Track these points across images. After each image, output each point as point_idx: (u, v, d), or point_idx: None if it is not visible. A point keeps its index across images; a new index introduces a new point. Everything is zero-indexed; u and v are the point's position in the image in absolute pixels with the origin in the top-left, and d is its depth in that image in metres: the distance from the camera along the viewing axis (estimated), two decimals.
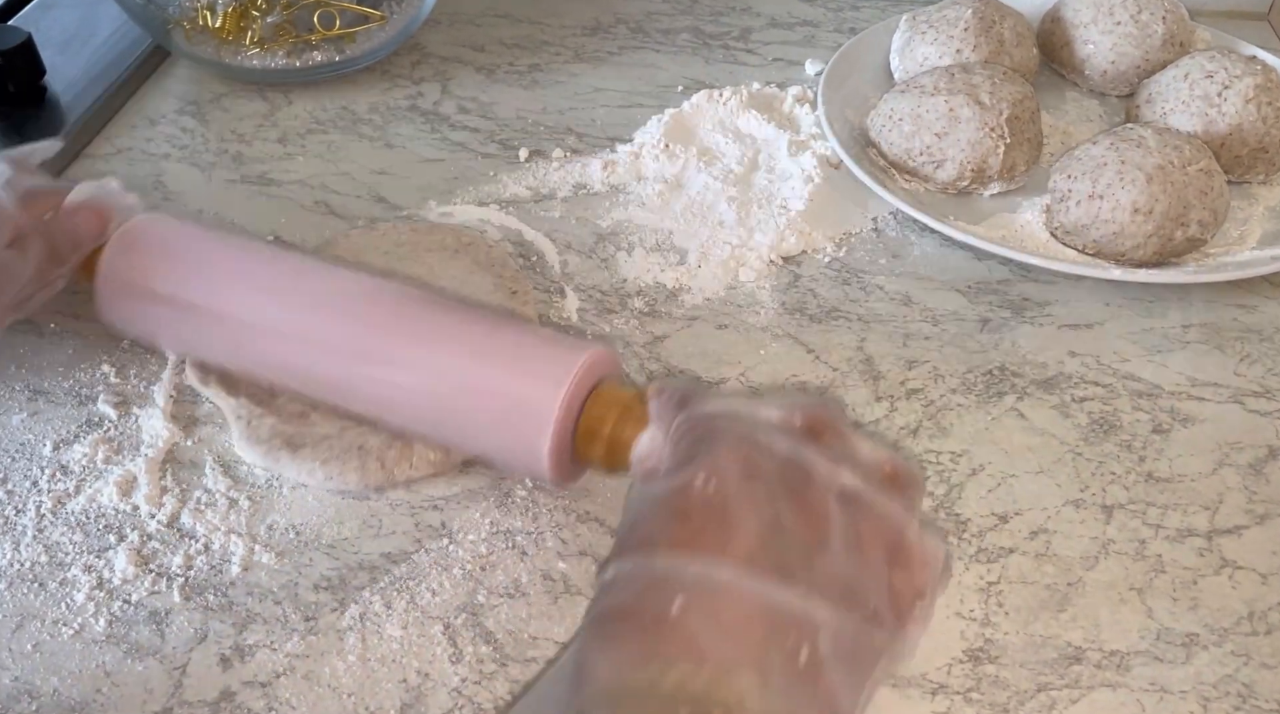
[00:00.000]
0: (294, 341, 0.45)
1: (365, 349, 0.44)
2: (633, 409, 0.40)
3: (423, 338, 0.44)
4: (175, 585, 0.43)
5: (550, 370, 0.41)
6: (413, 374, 0.43)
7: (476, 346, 0.43)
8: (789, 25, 0.83)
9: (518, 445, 0.41)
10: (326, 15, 0.73)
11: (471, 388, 0.42)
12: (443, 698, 0.40)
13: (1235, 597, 0.44)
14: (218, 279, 0.47)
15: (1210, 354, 0.55)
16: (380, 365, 0.44)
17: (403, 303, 0.45)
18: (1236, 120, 0.62)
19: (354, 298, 0.46)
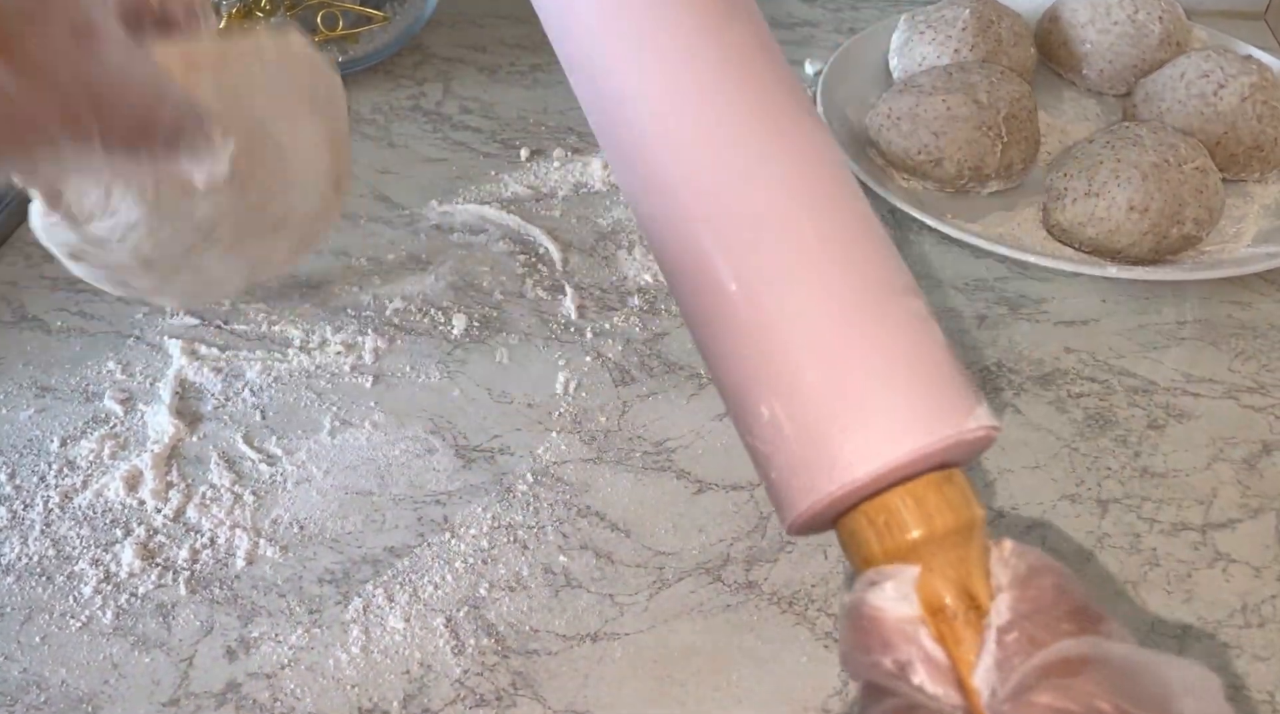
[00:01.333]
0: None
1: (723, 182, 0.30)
2: (972, 538, 0.27)
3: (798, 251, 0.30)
4: (181, 579, 0.44)
5: (919, 403, 0.28)
6: (737, 284, 0.30)
7: (850, 286, 0.29)
8: (788, 25, 0.83)
9: (801, 454, 0.29)
10: (330, 16, 0.73)
11: (805, 333, 0.29)
12: (445, 689, 0.41)
13: (1228, 590, 0.45)
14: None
15: (1205, 350, 0.56)
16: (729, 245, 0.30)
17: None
18: (1232, 119, 0.63)
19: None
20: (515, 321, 0.56)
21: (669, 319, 0.57)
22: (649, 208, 0.32)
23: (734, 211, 0.30)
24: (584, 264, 0.60)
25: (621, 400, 0.52)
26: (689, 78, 0.32)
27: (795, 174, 0.31)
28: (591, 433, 0.51)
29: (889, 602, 0.26)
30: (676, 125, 0.31)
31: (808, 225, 0.30)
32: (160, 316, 0.56)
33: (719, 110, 0.31)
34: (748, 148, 0.31)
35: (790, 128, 0.31)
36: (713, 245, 0.30)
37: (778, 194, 0.30)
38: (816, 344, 0.29)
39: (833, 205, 0.31)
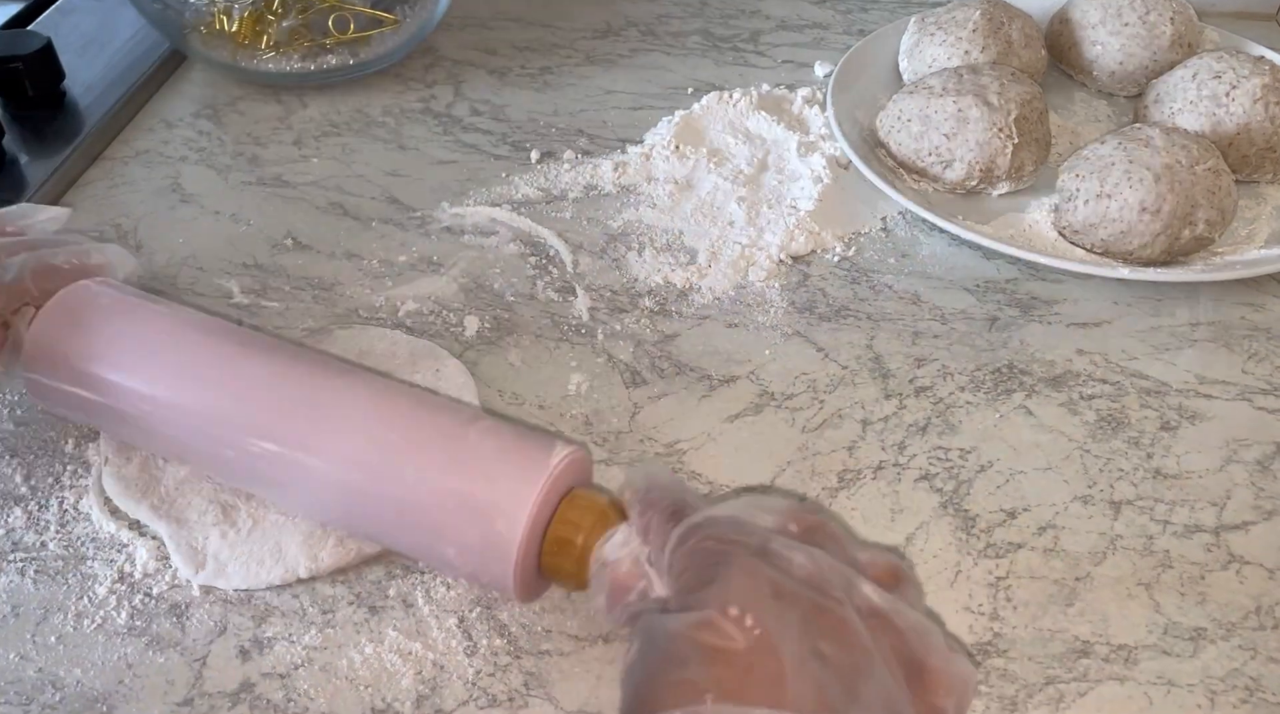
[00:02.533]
0: (229, 432, 0.41)
1: (310, 444, 0.40)
2: (608, 517, 0.36)
3: (378, 433, 0.39)
4: (194, 579, 0.44)
5: (520, 472, 0.37)
6: (364, 474, 0.39)
7: (439, 445, 0.38)
8: (798, 27, 0.83)
9: (481, 554, 0.37)
10: (341, 19, 0.74)
11: (432, 492, 0.38)
12: (458, 689, 0.41)
13: (1242, 591, 0.45)
14: (142, 361, 0.43)
15: (1218, 352, 0.56)
16: (327, 462, 0.39)
17: (354, 390, 0.41)
18: (1244, 120, 0.63)
19: (299, 384, 0.41)
20: (527, 323, 0.57)
21: (680, 321, 0.57)
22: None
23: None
24: (595, 266, 0.60)
25: (633, 402, 0.52)
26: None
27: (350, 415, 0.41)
28: (603, 434, 0.51)
29: (620, 549, 0.35)
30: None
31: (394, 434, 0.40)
32: None
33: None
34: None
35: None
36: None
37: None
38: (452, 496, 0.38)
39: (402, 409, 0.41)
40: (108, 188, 0.66)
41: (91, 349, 0.43)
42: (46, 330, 0.44)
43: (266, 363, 0.42)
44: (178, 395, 0.42)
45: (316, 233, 0.62)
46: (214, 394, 0.42)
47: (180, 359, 0.43)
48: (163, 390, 0.42)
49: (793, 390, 0.53)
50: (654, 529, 0.34)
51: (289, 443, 0.40)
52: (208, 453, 0.42)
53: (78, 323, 0.44)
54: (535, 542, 0.37)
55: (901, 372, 0.54)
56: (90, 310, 0.44)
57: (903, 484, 0.49)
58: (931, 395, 0.53)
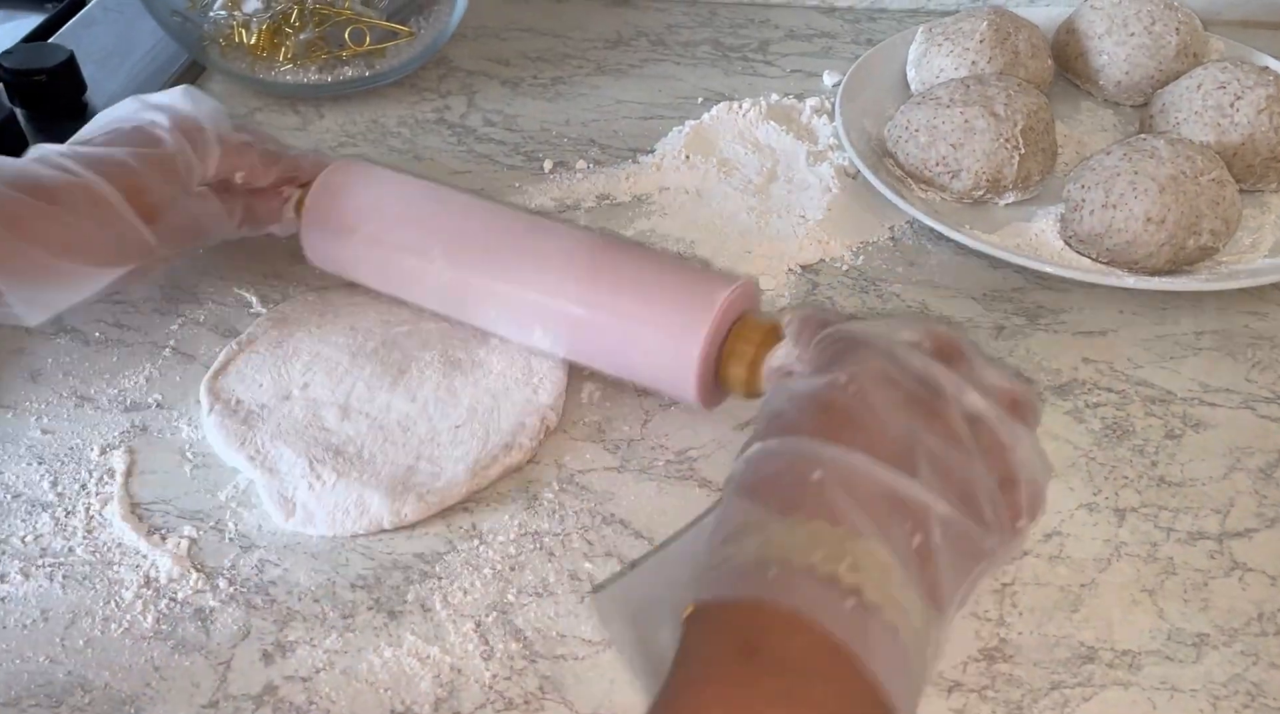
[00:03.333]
0: (478, 279, 0.52)
1: (537, 285, 0.50)
2: (772, 336, 0.44)
3: (588, 274, 0.49)
4: (219, 584, 0.45)
5: (698, 301, 0.46)
6: (580, 307, 0.49)
7: (635, 281, 0.49)
8: (807, 37, 0.84)
9: (670, 370, 0.47)
10: (357, 31, 0.75)
11: (631, 318, 0.48)
12: (475, 693, 0.42)
13: (1245, 598, 0.45)
14: (411, 222, 0.54)
15: (1222, 361, 0.56)
16: (551, 298, 0.50)
17: (570, 241, 0.51)
18: (1249, 130, 0.63)
19: (527, 237, 0.52)
20: None
21: None
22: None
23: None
24: None
25: (644, 410, 0.53)
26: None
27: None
28: (615, 442, 0.52)
29: (783, 360, 0.43)
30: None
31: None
32: (195, 328, 0.57)
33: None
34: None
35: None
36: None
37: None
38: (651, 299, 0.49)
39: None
40: None
41: (361, 213, 0.55)
42: (321, 199, 0.55)
43: (494, 221, 0.54)
44: (434, 248, 0.53)
45: None
46: (460, 248, 0.53)
47: (432, 220, 0.54)
48: (422, 245, 0.53)
49: None
50: (805, 337, 0.41)
51: (521, 283, 0.51)
52: (457, 296, 0.53)
53: (348, 191, 0.55)
54: (713, 355, 0.46)
55: None
56: (353, 182, 0.56)
57: None
58: None
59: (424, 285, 0.54)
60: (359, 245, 0.55)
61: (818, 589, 0.30)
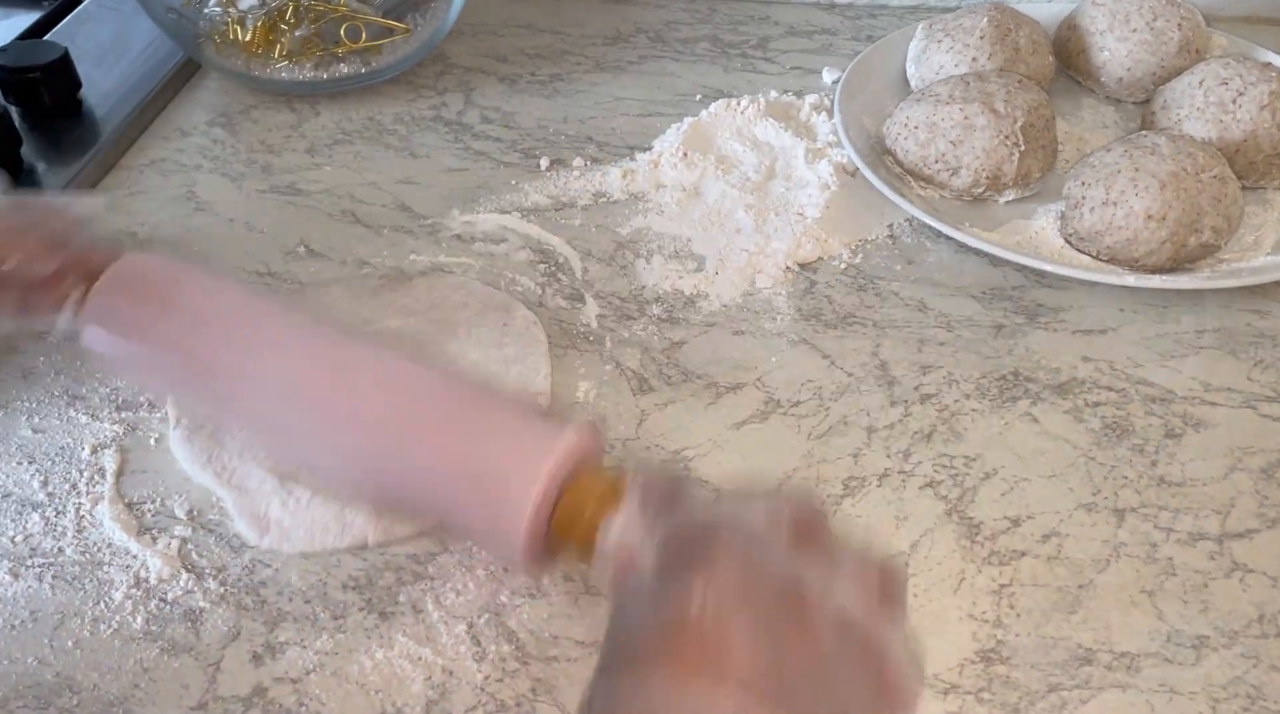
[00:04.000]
0: (278, 401, 0.43)
1: (352, 419, 0.42)
2: (610, 499, 0.38)
3: (406, 409, 0.41)
4: (209, 585, 0.45)
5: (530, 454, 0.39)
6: (395, 446, 0.41)
7: (459, 423, 0.41)
8: (807, 34, 0.84)
9: (493, 528, 0.39)
10: (353, 28, 0.74)
11: (451, 466, 0.40)
12: (467, 695, 0.41)
13: (1245, 600, 0.45)
14: (206, 332, 0.44)
15: (1223, 359, 0.56)
16: (365, 436, 0.41)
17: (388, 369, 0.43)
18: (1251, 127, 0.63)
19: (343, 361, 0.43)
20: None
21: (687, 328, 0.57)
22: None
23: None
24: (603, 273, 0.61)
25: (640, 408, 0.53)
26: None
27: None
28: (610, 441, 0.51)
29: (621, 532, 0.36)
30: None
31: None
32: None
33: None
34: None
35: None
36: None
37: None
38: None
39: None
40: (124, 196, 0.67)
41: (156, 319, 0.44)
42: (108, 299, 0.45)
43: (311, 340, 0.44)
44: (234, 363, 0.44)
45: (329, 240, 0.63)
46: (264, 365, 0.43)
47: (236, 330, 0.45)
48: (222, 358, 0.44)
49: (799, 397, 0.54)
50: (649, 514, 0.36)
51: (327, 413, 0.42)
52: (254, 418, 0.44)
53: (138, 294, 0.45)
54: (544, 516, 0.38)
55: (907, 379, 0.55)
56: (147, 282, 0.46)
57: (907, 491, 0.49)
58: (937, 402, 0.53)
59: (219, 406, 0.46)
60: (150, 356, 0.45)
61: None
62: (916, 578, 0.45)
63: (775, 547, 0.33)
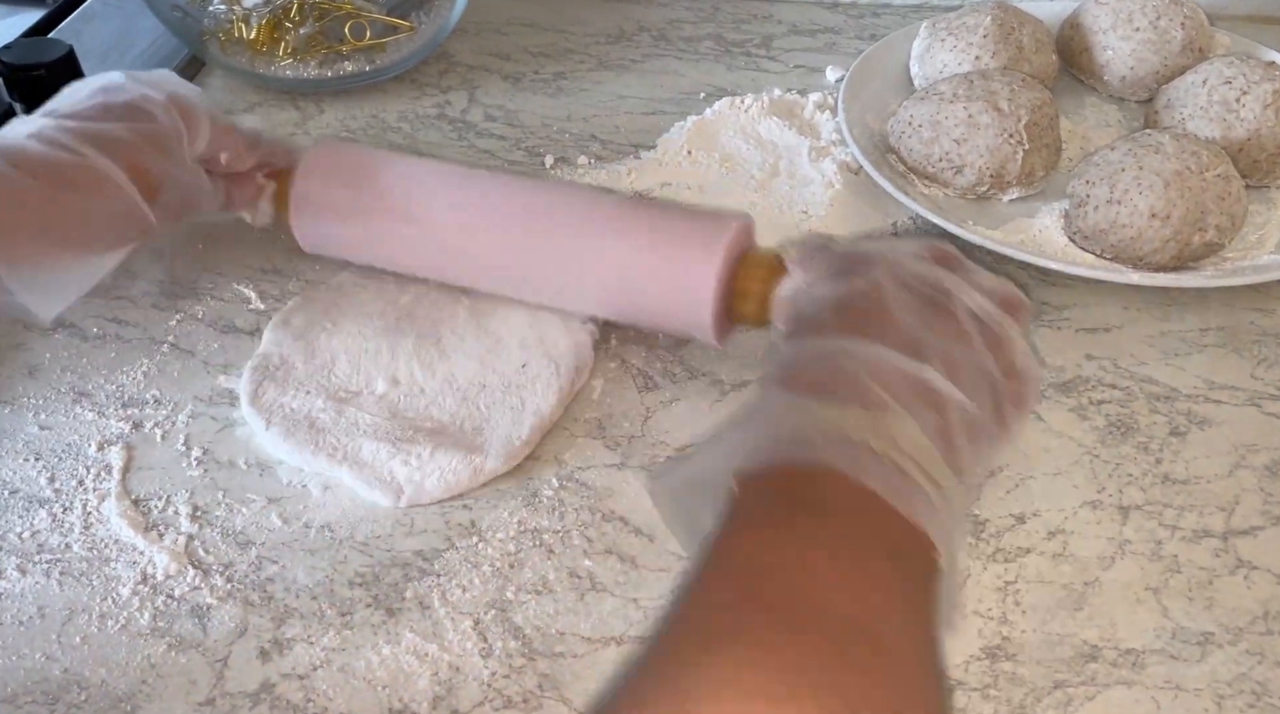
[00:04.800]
0: (482, 242, 0.53)
1: (545, 244, 0.52)
2: (777, 268, 0.47)
3: (595, 228, 0.51)
4: (216, 581, 0.45)
5: (704, 243, 0.48)
6: (592, 261, 0.51)
7: (641, 230, 0.50)
8: (810, 32, 0.84)
9: (684, 312, 0.49)
10: (357, 26, 0.74)
11: (642, 267, 0.50)
12: (473, 691, 0.41)
13: (1250, 597, 0.45)
14: (402, 193, 0.54)
15: (1227, 357, 0.56)
16: (561, 257, 0.51)
17: (569, 196, 0.54)
18: (1255, 126, 0.63)
19: (527, 199, 0.53)
20: None
21: None
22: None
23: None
24: None
25: (645, 406, 0.53)
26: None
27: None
28: (616, 439, 0.51)
29: (791, 290, 0.46)
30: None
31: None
32: (194, 324, 0.57)
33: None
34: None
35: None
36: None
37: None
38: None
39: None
40: None
41: (356, 191, 0.54)
42: (310, 184, 0.55)
43: (490, 184, 0.54)
44: (435, 216, 0.54)
45: None
46: (462, 213, 0.53)
47: (429, 190, 0.54)
48: (423, 214, 0.54)
49: None
50: (806, 261, 0.45)
51: (528, 242, 0.52)
52: (462, 263, 0.54)
53: (337, 171, 0.55)
54: (725, 293, 0.48)
55: None
56: (343, 161, 0.56)
57: None
58: None
59: (429, 255, 0.55)
60: (358, 224, 0.55)
61: (855, 451, 0.32)
62: None
63: (916, 262, 0.39)
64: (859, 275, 0.39)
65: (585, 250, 0.51)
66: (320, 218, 0.55)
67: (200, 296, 0.59)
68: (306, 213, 0.55)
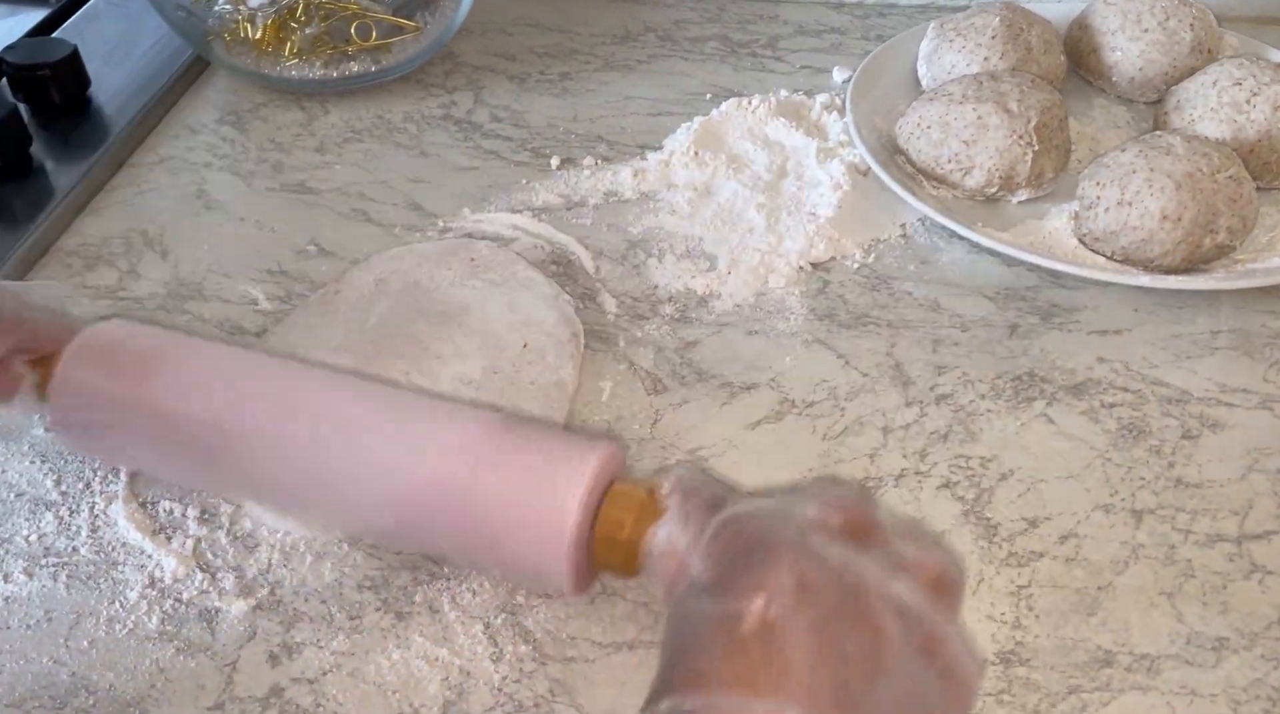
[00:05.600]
0: (275, 454, 0.40)
1: (356, 466, 0.39)
2: (649, 509, 0.37)
3: (421, 447, 0.39)
4: (224, 584, 0.45)
5: (563, 478, 0.37)
6: (414, 483, 0.38)
7: (481, 455, 0.38)
8: (817, 33, 0.83)
9: (536, 568, 0.38)
10: (363, 26, 0.74)
11: (479, 504, 0.38)
12: (484, 696, 0.41)
13: (1265, 601, 0.45)
14: (184, 389, 0.41)
15: (1239, 360, 0.56)
16: (376, 482, 0.39)
17: (392, 408, 0.40)
18: (1265, 127, 0.63)
19: (340, 404, 0.41)
20: None
21: (700, 328, 0.57)
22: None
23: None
24: (615, 272, 0.61)
25: (654, 409, 0.53)
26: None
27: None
28: (625, 441, 0.51)
29: (665, 543, 0.35)
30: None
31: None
32: (200, 325, 0.57)
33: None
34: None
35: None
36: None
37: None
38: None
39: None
40: (134, 194, 0.67)
41: (135, 386, 0.42)
42: (75, 372, 0.42)
43: (306, 383, 0.42)
44: (236, 421, 0.41)
45: (340, 239, 0.63)
46: (259, 419, 0.41)
47: (229, 388, 0.42)
48: (219, 418, 0.41)
49: (814, 397, 0.53)
50: (694, 519, 0.35)
51: (337, 456, 0.39)
52: (258, 478, 0.42)
53: (108, 362, 0.42)
54: (584, 541, 0.37)
55: (922, 379, 0.54)
56: (117, 349, 0.43)
57: (924, 492, 0.49)
58: (952, 403, 0.53)
59: (209, 471, 0.43)
60: (133, 424, 0.42)
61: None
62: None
63: (829, 544, 0.31)
64: (751, 582, 0.30)
65: (409, 471, 0.39)
66: (91, 417, 0.43)
67: (206, 298, 0.59)
68: (71, 413, 0.43)
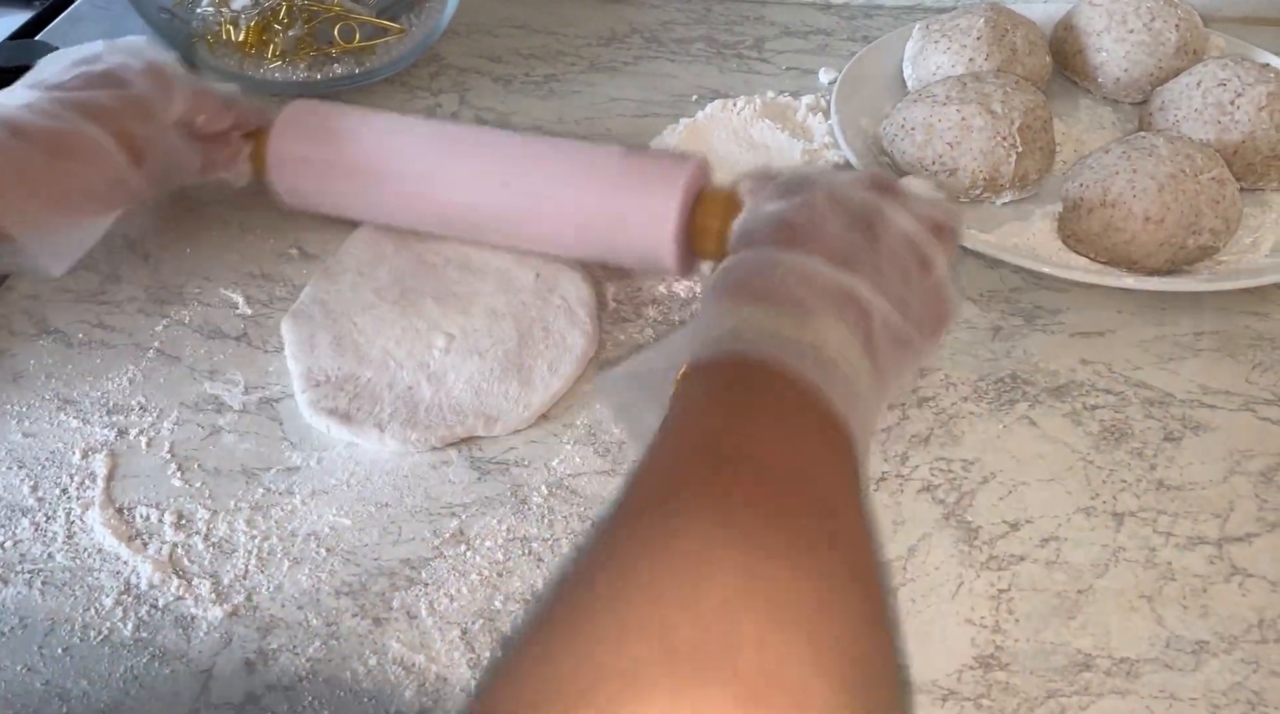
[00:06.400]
0: (453, 190, 0.56)
1: (517, 189, 0.54)
2: (733, 204, 0.49)
3: (564, 173, 0.54)
4: (200, 591, 0.44)
5: (664, 185, 0.52)
6: (562, 204, 0.54)
7: (608, 172, 0.53)
8: (803, 34, 0.83)
9: (650, 249, 0.53)
10: (347, 28, 0.74)
11: (609, 207, 0.53)
12: (461, 702, 0.41)
13: (1245, 604, 0.45)
14: (374, 146, 0.57)
15: (1222, 362, 0.56)
16: (533, 201, 0.54)
17: (542, 146, 0.56)
18: (1249, 128, 0.63)
19: (496, 148, 0.56)
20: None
21: None
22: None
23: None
24: (598, 275, 0.60)
25: None
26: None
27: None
28: (606, 445, 0.51)
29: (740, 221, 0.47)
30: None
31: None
32: (180, 329, 0.56)
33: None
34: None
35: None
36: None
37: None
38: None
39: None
40: None
41: (334, 145, 0.57)
42: (287, 139, 0.58)
43: (466, 136, 0.58)
44: (409, 170, 0.56)
45: (323, 242, 0.63)
46: (433, 166, 0.56)
47: (408, 143, 0.57)
48: (398, 168, 0.56)
49: None
50: (755, 190, 0.47)
51: (504, 190, 0.55)
52: (433, 212, 0.57)
53: (310, 129, 0.58)
54: (686, 229, 0.52)
55: None
56: (315, 119, 0.58)
57: (905, 495, 0.49)
58: (934, 406, 0.53)
59: (403, 205, 0.57)
60: (333, 179, 0.57)
61: (785, 345, 0.36)
62: (914, 583, 0.45)
63: (851, 188, 0.44)
64: (798, 195, 0.43)
65: (555, 194, 0.54)
66: (297, 174, 0.58)
67: (187, 302, 0.58)
68: (284, 170, 0.58)
